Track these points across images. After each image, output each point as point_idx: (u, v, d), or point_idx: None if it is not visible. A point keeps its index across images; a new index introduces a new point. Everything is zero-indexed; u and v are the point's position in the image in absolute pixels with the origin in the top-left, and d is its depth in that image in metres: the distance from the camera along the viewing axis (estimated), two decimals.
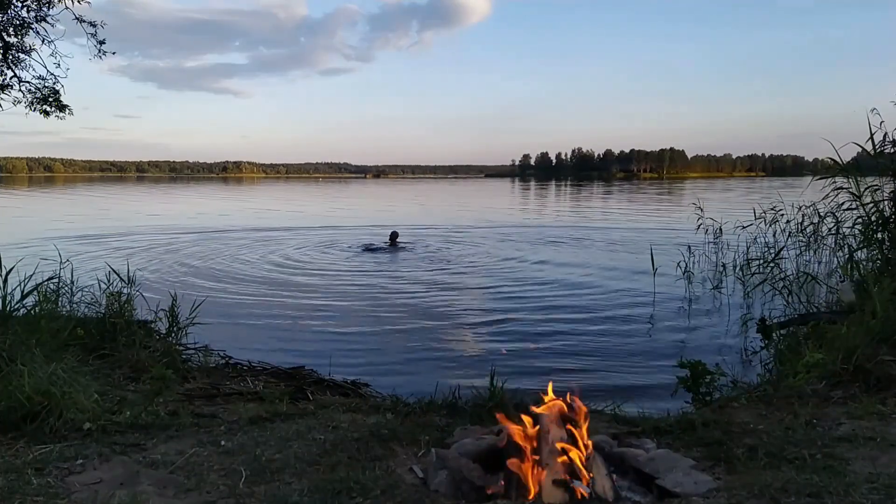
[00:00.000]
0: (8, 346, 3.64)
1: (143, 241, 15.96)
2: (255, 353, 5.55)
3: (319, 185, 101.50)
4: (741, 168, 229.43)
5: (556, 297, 8.99)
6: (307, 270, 11.53)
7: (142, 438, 2.95)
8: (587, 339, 6.68)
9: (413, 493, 2.39)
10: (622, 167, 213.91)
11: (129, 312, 5.32)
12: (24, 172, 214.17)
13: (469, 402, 3.54)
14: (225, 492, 2.39)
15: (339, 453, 2.77)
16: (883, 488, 2.29)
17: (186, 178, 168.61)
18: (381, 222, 21.89)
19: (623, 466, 2.64)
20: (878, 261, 5.96)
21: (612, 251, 14.04)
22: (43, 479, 2.45)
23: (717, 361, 4.57)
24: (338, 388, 4.60)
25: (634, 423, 3.21)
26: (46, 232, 16.90)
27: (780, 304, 7.35)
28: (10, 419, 2.97)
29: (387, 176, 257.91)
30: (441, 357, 6.14)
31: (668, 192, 53.83)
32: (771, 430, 2.95)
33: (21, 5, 6.45)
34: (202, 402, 3.83)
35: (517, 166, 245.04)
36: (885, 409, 3.16)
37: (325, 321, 7.61)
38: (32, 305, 4.80)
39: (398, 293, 9.32)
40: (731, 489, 2.36)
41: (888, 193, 6.04)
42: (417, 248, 14.71)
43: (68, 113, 7.08)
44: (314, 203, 40.30)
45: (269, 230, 19.43)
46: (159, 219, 24.20)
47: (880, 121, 6.14)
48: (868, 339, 3.89)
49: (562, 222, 23.00)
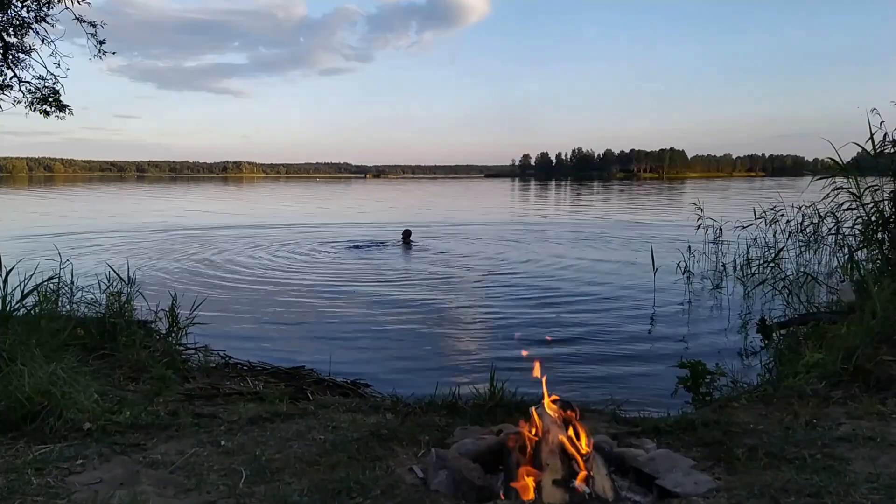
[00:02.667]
0: (8, 346, 3.64)
1: (154, 238, 16.00)
2: (255, 353, 5.55)
3: (320, 184, 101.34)
4: (741, 168, 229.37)
5: (556, 296, 8.99)
6: (307, 270, 11.53)
7: (142, 438, 2.95)
8: (587, 338, 6.68)
9: (413, 493, 2.39)
10: (622, 167, 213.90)
11: (129, 312, 5.33)
12: (24, 172, 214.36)
13: (469, 402, 3.54)
14: (225, 492, 2.39)
15: (339, 453, 2.77)
16: (883, 488, 2.28)
17: (186, 179, 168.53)
18: (393, 221, 22.04)
19: (623, 466, 2.64)
20: (878, 261, 5.95)
21: (611, 251, 14.04)
22: (43, 479, 2.44)
23: (717, 361, 4.58)
24: (338, 388, 4.60)
25: (634, 423, 3.21)
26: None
27: (780, 304, 7.36)
28: (10, 419, 2.97)
29: (387, 176, 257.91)
30: (441, 357, 6.13)
31: (668, 192, 53.82)
32: (771, 430, 2.95)
33: (21, 5, 6.46)
34: (202, 402, 3.83)
35: (517, 166, 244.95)
36: (885, 409, 3.16)
37: (326, 321, 7.60)
38: (32, 305, 4.80)
39: (398, 293, 9.31)
40: (731, 489, 2.35)
41: (888, 193, 6.03)
42: (425, 247, 14.75)
43: (68, 113, 7.09)
44: (327, 202, 40.32)
45: (268, 227, 19.46)
46: (163, 216, 24.25)
47: (880, 121, 6.15)
48: (868, 339, 3.89)
49: (561, 222, 23.01)
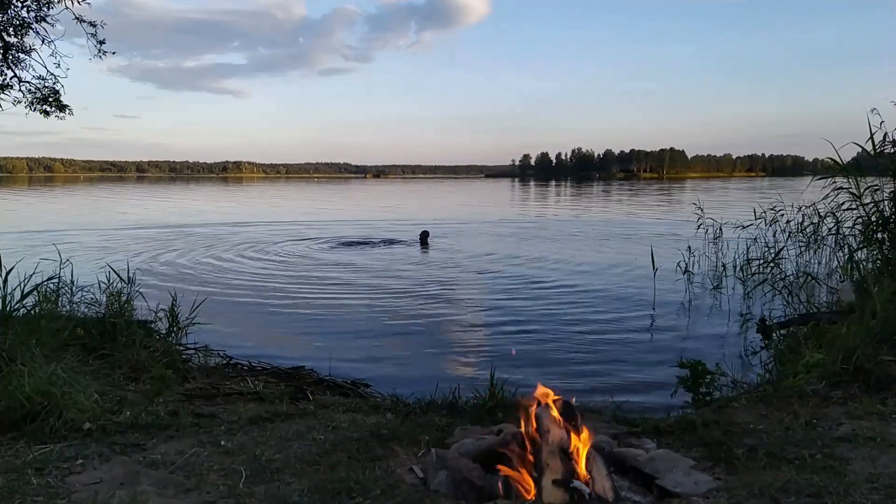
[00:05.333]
0: (8, 346, 3.64)
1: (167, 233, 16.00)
2: (255, 353, 5.55)
3: (321, 184, 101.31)
4: (741, 168, 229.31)
5: (556, 296, 8.99)
6: (307, 269, 11.52)
7: (142, 438, 2.95)
8: (587, 338, 6.67)
9: (413, 493, 2.39)
10: (622, 167, 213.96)
11: (129, 312, 5.32)
12: (24, 172, 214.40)
13: (469, 402, 3.54)
14: (225, 492, 2.39)
15: (339, 453, 2.77)
16: (883, 488, 2.28)
17: (186, 179, 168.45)
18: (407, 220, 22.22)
19: (623, 466, 2.64)
20: (878, 261, 5.95)
21: (611, 251, 14.03)
22: (43, 479, 2.44)
23: (717, 361, 4.56)
24: (338, 388, 4.60)
25: (634, 424, 3.21)
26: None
27: (780, 304, 7.35)
28: (10, 419, 2.97)
29: (387, 176, 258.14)
30: (441, 357, 6.13)
31: (668, 192, 53.81)
32: (771, 430, 2.95)
33: (21, 5, 6.46)
34: (202, 402, 3.83)
35: (517, 166, 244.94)
36: (885, 409, 3.16)
37: (326, 321, 7.60)
38: (32, 305, 4.80)
39: (398, 293, 9.31)
40: (731, 489, 2.35)
41: (888, 193, 6.03)
42: (433, 246, 14.78)
43: (68, 113, 7.09)
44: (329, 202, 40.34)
45: (274, 224, 19.46)
46: (167, 214, 24.25)
47: (880, 121, 6.15)
48: (868, 339, 3.88)
49: (561, 222, 23.02)
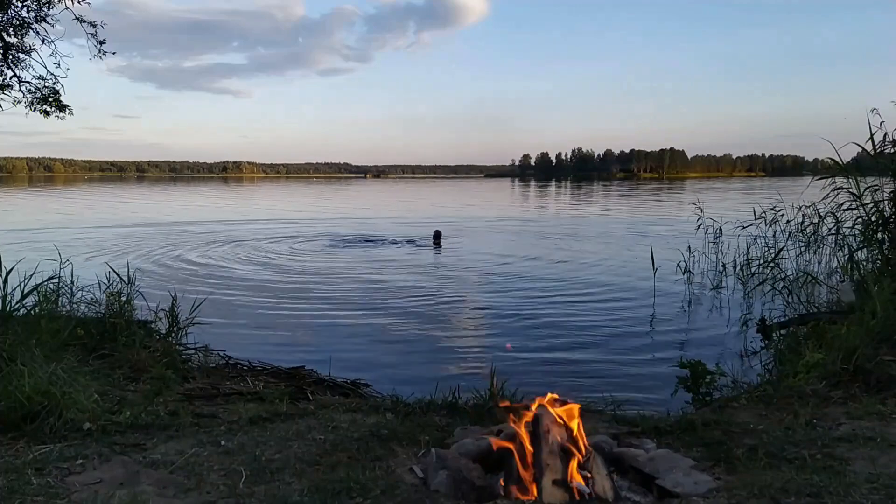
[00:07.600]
0: (8, 346, 3.64)
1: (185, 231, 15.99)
2: (255, 353, 5.54)
3: (321, 184, 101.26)
4: (741, 168, 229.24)
5: (556, 296, 8.99)
6: (307, 269, 11.53)
7: (142, 438, 2.95)
8: (587, 339, 6.68)
9: (413, 493, 2.39)
10: (622, 167, 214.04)
11: (129, 312, 5.32)
12: (25, 172, 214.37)
13: (469, 402, 3.54)
14: (225, 492, 2.39)
15: (339, 453, 2.77)
16: (883, 488, 2.28)
17: (187, 178, 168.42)
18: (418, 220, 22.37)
19: (623, 466, 2.64)
20: (878, 261, 5.96)
21: (611, 251, 14.03)
22: (43, 479, 2.44)
23: (717, 361, 4.57)
24: (338, 388, 4.60)
25: (634, 423, 3.21)
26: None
27: (780, 304, 7.35)
28: (10, 419, 2.97)
29: (387, 176, 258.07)
30: (441, 357, 6.13)
31: (668, 192, 53.80)
32: (771, 430, 2.95)
33: (21, 5, 6.45)
34: (202, 402, 3.83)
35: (517, 166, 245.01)
36: (885, 409, 3.16)
37: (326, 321, 7.60)
38: (32, 305, 4.80)
39: (398, 292, 9.31)
40: (731, 489, 2.35)
41: (888, 193, 6.03)
42: (444, 247, 14.81)
43: (68, 113, 7.08)
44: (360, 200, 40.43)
45: (272, 224, 19.47)
46: (172, 213, 24.25)
47: (880, 121, 6.15)
48: (868, 339, 3.89)
49: (561, 221, 23.02)
